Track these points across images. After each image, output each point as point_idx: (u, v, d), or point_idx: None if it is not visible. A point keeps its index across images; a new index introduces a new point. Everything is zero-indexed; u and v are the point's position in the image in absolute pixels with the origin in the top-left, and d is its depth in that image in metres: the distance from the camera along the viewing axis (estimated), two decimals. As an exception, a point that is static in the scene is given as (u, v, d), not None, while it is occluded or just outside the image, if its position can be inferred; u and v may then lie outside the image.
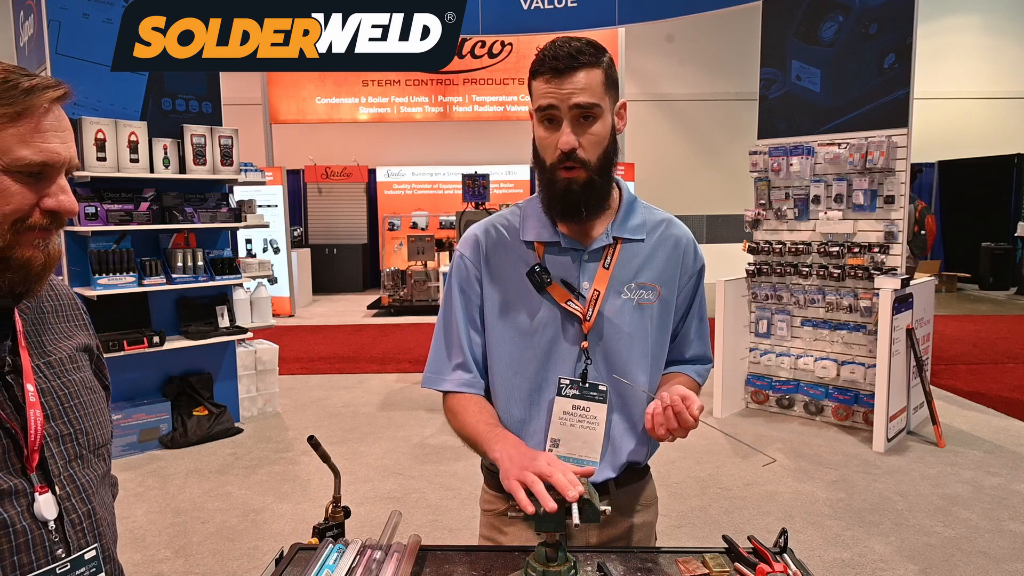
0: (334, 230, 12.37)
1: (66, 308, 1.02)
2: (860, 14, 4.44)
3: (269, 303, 5.23)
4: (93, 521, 0.92)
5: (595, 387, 1.31)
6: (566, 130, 1.22)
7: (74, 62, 4.08)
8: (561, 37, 1.25)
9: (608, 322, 1.31)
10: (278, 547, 1.29)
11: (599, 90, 1.22)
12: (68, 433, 0.91)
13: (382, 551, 1.20)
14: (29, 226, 0.83)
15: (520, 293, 1.33)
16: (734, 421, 4.82)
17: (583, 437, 1.31)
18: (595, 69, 1.22)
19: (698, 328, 1.46)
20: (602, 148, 1.25)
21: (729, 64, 12.54)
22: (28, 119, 0.82)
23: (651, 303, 1.34)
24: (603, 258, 1.32)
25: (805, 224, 4.79)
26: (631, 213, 1.36)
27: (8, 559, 0.81)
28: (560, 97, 1.21)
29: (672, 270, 1.37)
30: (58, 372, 0.94)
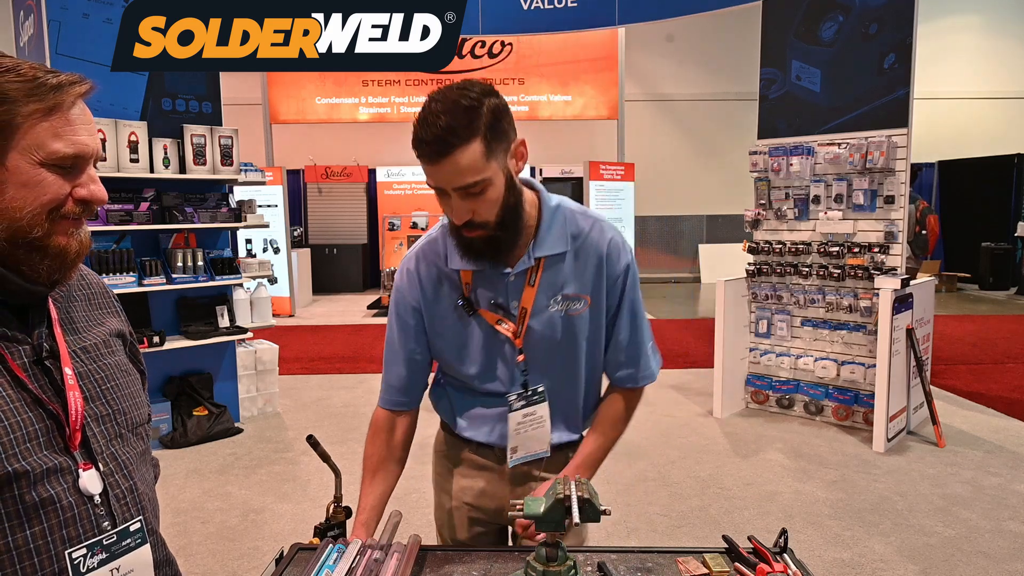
0: (334, 230, 12.37)
1: (97, 296, 1.07)
2: (860, 14, 4.44)
3: (269, 303, 5.23)
4: (136, 496, 0.97)
5: (535, 391, 1.41)
6: (457, 204, 1.23)
7: (74, 62, 4.08)
8: (434, 103, 1.19)
9: (539, 335, 1.38)
10: (278, 547, 1.29)
11: (480, 163, 1.19)
12: (107, 414, 0.96)
13: (382, 551, 1.21)
14: (63, 215, 0.88)
15: (455, 317, 1.41)
16: (734, 421, 4.82)
17: (535, 437, 1.44)
18: (471, 144, 1.17)
19: (631, 330, 1.45)
20: (498, 207, 1.25)
21: (729, 64, 12.55)
22: (58, 114, 0.86)
23: (580, 312, 1.39)
24: (528, 277, 1.36)
25: (805, 224, 4.79)
26: (551, 228, 1.37)
27: (58, 532, 0.86)
28: (441, 180, 1.21)
29: (598, 279, 1.40)
30: (93, 356, 0.99)
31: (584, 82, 10.84)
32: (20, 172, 0.84)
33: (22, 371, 0.88)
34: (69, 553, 0.87)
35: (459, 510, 1.55)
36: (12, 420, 0.85)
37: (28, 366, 0.89)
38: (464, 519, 1.54)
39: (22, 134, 0.84)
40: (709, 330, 5.19)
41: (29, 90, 0.85)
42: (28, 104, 0.84)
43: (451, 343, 1.42)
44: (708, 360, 5.20)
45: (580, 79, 10.84)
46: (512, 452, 1.43)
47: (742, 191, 6.28)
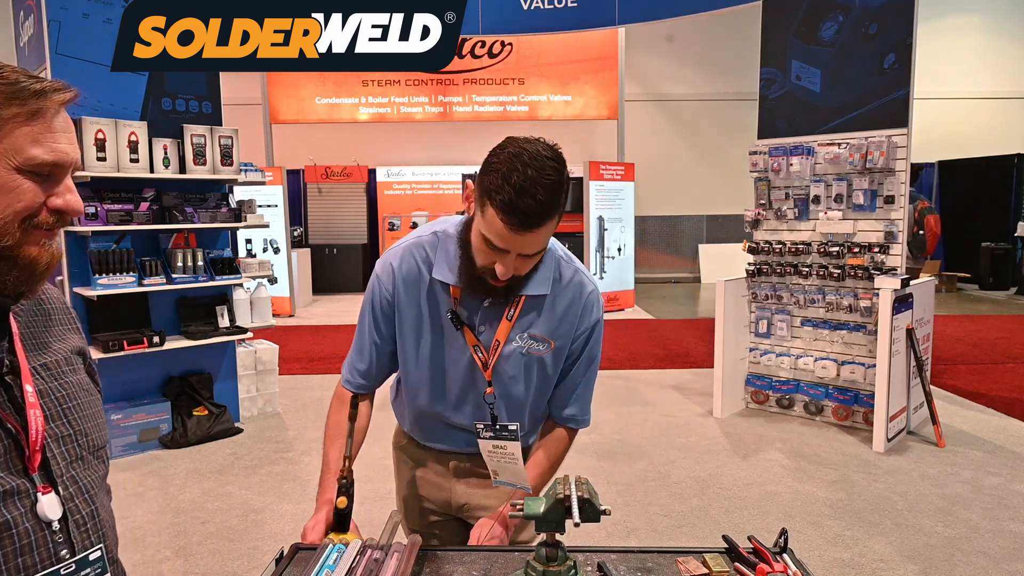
0: (334, 230, 12.37)
1: (58, 312, 1.02)
2: (860, 14, 4.44)
3: (269, 303, 5.23)
4: (97, 522, 0.92)
5: (505, 427, 1.39)
6: (509, 263, 1.26)
7: (74, 62, 4.08)
8: (530, 171, 1.17)
9: (501, 370, 1.42)
10: (278, 547, 1.29)
11: (549, 235, 1.28)
12: (68, 434, 0.91)
13: (382, 551, 1.20)
14: (36, 224, 0.85)
15: (432, 331, 1.43)
16: (734, 421, 4.82)
17: (511, 470, 1.42)
18: (553, 220, 1.23)
19: (584, 377, 1.50)
20: (534, 264, 1.33)
21: (729, 64, 12.55)
22: (40, 120, 0.84)
23: (541, 354, 1.43)
24: (506, 311, 1.39)
25: (805, 224, 4.79)
26: (539, 270, 1.39)
27: (12, 561, 0.80)
28: (515, 247, 1.24)
29: (568, 326, 1.44)
30: (55, 374, 0.94)
31: (584, 82, 10.84)
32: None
33: None
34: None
35: (412, 499, 1.63)
36: None
37: None
38: (417, 508, 1.63)
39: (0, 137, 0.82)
40: (709, 330, 5.20)
41: (10, 94, 0.82)
42: (9, 108, 0.82)
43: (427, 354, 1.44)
44: (708, 360, 5.21)
45: (580, 79, 10.84)
46: (495, 475, 1.44)
47: (742, 191, 6.28)
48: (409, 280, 1.43)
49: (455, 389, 1.47)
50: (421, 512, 1.63)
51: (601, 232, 9.39)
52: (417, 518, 1.64)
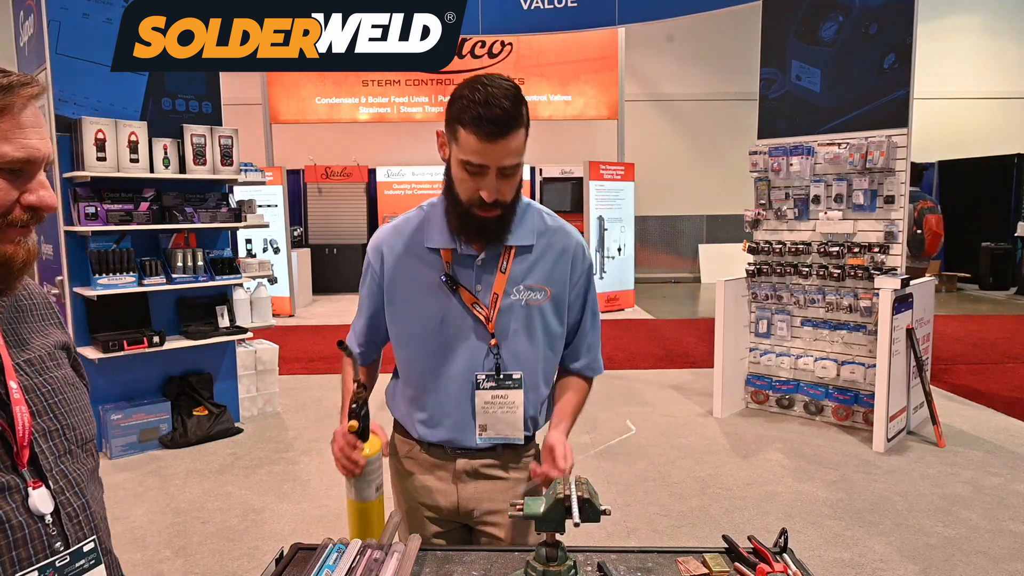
0: (334, 230, 12.36)
1: (40, 307, 1.01)
2: (860, 14, 4.44)
3: (269, 303, 5.23)
4: (89, 514, 0.92)
5: (509, 376, 1.46)
6: (492, 182, 1.33)
7: (74, 62, 4.08)
8: (489, 87, 1.28)
9: (504, 322, 1.46)
10: (278, 547, 1.29)
11: (522, 148, 1.34)
12: (56, 429, 0.91)
13: (382, 551, 1.20)
14: (10, 222, 0.84)
15: (427, 296, 1.46)
16: (734, 421, 4.82)
17: (506, 420, 1.48)
18: (520, 130, 1.31)
19: (591, 326, 1.58)
20: (517, 190, 1.40)
21: (729, 64, 12.55)
22: (7, 116, 0.82)
23: (540, 303, 1.48)
24: (499, 264, 1.45)
25: (805, 224, 4.79)
26: (522, 222, 1.47)
27: (7, 554, 0.81)
28: (492, 159, 1.30)
29: (561, 272, 1.50)
30: (39, 369, 0.94)
31: (584, 82, 10.84)
32: None
33: None
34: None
35: (415, 511, 1.59)
36: None
37: None
38: (421, 520, 1.58)
39: None
40: (709, 330, 5.20)
41: None
42: None
43: (418, 319, 1.48)
44: (708, 360, 5.21)
45: (580, 79, 10.84)
46: (481, 431, 1.48)
47: (742, 191, 6.28)
48: (399, 253, 1.49)
49: (458, 352, 1.46)
50: (424, 523, 1.59)
51: (601, 232, 9.39)
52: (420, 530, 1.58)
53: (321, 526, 3.31)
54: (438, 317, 1.46)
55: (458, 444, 1.51)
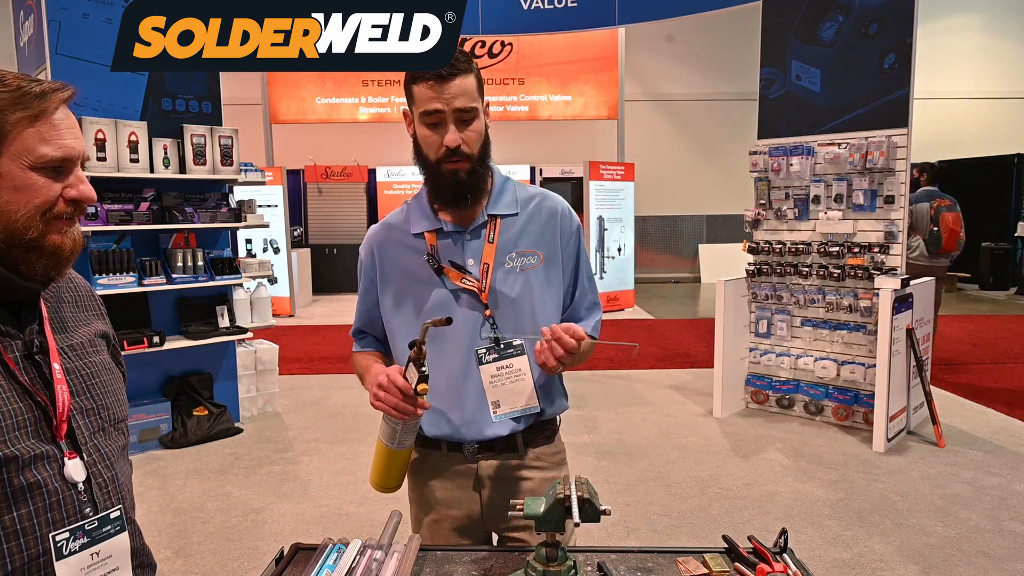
0: (334, 230, 12.36)
1: (84, 299, 1.12)
2: (860, 14, 4.44)
3: (269, 303, 5.23)
4: (117, 485, 1.02)
5: (510, 344, 1.46)
6: (451, 130, 1.39)
7: (74, 62, 4.08)
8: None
9: (499, 291, 1.47)
10: (278, 547, 1.29)
11: (475, 94, 1.41)
12: (91, 408, 1.01)
13: (382, 551, 1.20)
14: (56, 215, 0.93)
15: (416, 282, 1.49)
16: (734, 421, 4.82)
17: (518, 391, 1.47)
18: (470, 75, 1.41)
19: (589, 284, 1.60)
20: (480, 143, 1.43)
21: (729, 64, 12.55)
22: (44, 120, 0.92)
23: (534, 267, 1.49)
24: (486, 235, 1.48)
25: (805, 224, 4.79)
26: (503, 192, 1.52)
27: (43, 515, 0.91)
28: (444, 101, 1.38)
29: (551, 235, 1.52)
30: (80, 354, 1.04)
31: (584, 82, 10.84)
32: (12, 177, 0.89)
33: (14, 364, 0.93)
34: (53, 536, 0.91)
35: (438, 523, 1.54)
36: (4, 408, 0.90)
37: (19, 360, 0.94)
38: (445, 530, 1.53)
39: (11, 141, 0.89)
40: (709, 330, 5.20)
41: (15, 99, 0.89)
42: (15, 113, 0.89)
43: (412, 308, 1.49)
44: (708, 360, 5.21)
45: (580, 79, 10.84)
46: (495, 407, 1.46)
47: (742, 191, 6.28)
48: (387, 247, 1.53)
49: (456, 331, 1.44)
50: (448, 534, 1.53)
51: (601, 232, 9.39)
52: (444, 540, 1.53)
53: (321, 526, 3.31)
54: (430, 301, 1.47)
55: (477, 433, 1.46)
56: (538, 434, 1.54)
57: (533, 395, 1.47)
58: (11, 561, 0.88)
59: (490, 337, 1.46)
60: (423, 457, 1.56)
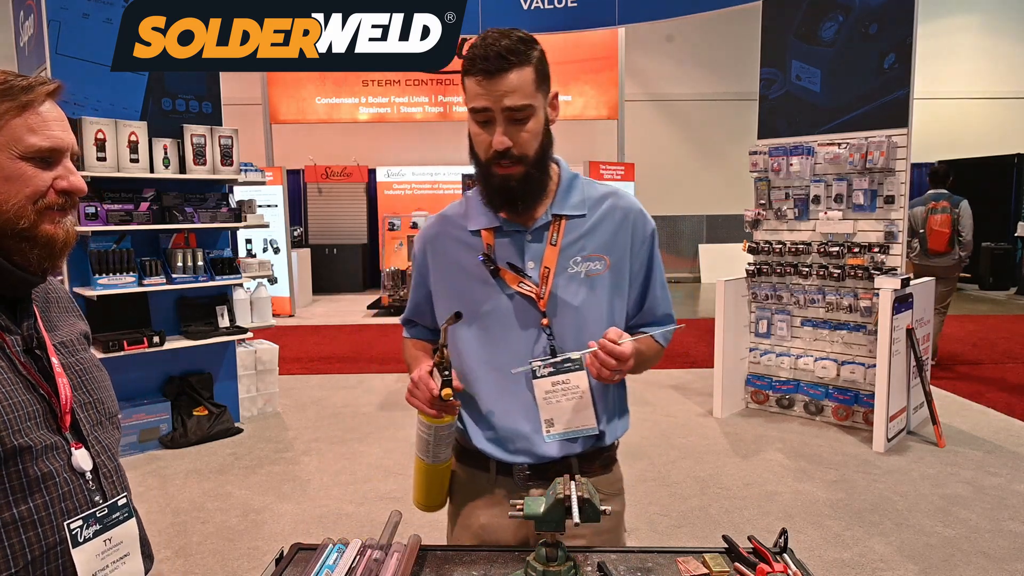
0: (334, 230, 12.36)
1: (63, 300, 1.14)
2: (860, 14, 4.44)
3: (269, 303, 5.23)
4: (121, 475, 1.07)
5: (568, 358, 1.32)
6: (499, 131, 1.25)
7: (74, 62, 4.08)
8: (492, 32, 1.24)
9: (559, 298, 1.34)
10: (278, 547, 1.29)
11: (530, 89, 1.24)
12: (89, 402, 1.05)
13: (382, 551, 1.20)
14: (47, 205, 0.95)
15: (471, 282, 1.37)
16: (734, 421, 4.82)
17: (573, 409, 1.33)
18: (525, 68, 1.23)
19: (662, 292, 1.46)
20: (537, 143, 1.29)
21: (729, 64, 12.55)
22: (31, 111, 0.93)
23: (600, 273, 1.36)
24: (549, 236, 1.35)
25: (805, 224, 4.79)
26: (570, 191, 1.39)
27: (57, 504, 0.93)
28: (493, 99, 1.23)
29: (622, 240, 1.39)
30: (71, 350, 1.07)
31: (584, 82, 10.85)
32: (1, 167, 0.92)
33: (17, 357, 0.96)
34: (68, 524, 0.94)
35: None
36: (15, 400, 0.92)
37: (20, 354, 0.97)
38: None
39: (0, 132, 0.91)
40: (709, 330, 5.19)
41: (1, 92, 0.92)
42: (1, 104, 0.91)
43: (463, 307, 1.37)
44: (708, 360, 5.21)
45: (580, 79, 10.84)
46: (548, 426, 1.33)
47: (742, 191, 6.28)
48: (442, 242, 1.42)
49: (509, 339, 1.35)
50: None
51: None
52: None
53: (321, 526, 3.31)
54: (483, 304, 1.35)
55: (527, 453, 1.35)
56: (594, 460, 1.40)
57: (591, 415, 1.33)
58: (31, 550, 0.90)
59: (546, 348, 1.33)
60: (470, 477, 1.44)
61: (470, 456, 1.44)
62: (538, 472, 1.36)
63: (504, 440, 1.37)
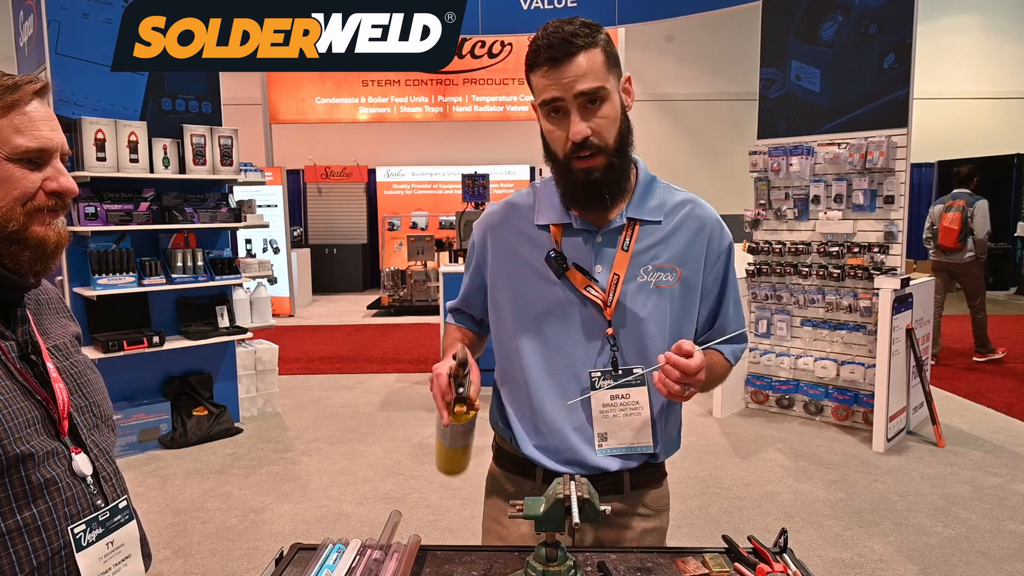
0: (334, 230, 12.36)
1: (55, 301, 1.13)
2: (860, 14, 4.45)
3: (269, 303, 5.23)
4: (119, 478, 1.06)
5: (630, 371, 1.26)
6: (575, 119, 1.17)
7: (74, 62, 4.08)
8: (553, 22, 1.19)
9: (627, 308, 1.27)
10: (278, 547, 1.29)
11: (602, 71, 1.17)
12: (85, 405, 1.04)
13: (382, 551, 1.20)
14: (37, 207, 0.93)
15: (534, 279, 1.29)
16: (734, 421, 4.82)
17: (630, 425, 1.28)
18: (594, 50, 1.17)
19: (735, 310, 1.38)
20: (616, 129, 1.21)
21: (729, 64, 12.54)
22: (17, 111, 0.91)
23: (670, 285, 1.28)
24: (621, 241, 1.27)
25: (805, 224, 4.79)
26: (648, 194, 1.32)
27: (60, 510, 0.93)
28: (563, 87, 1.16)
29: (696, 252, 1.31)
30: (65, 354, 1.06)
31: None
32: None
33: (13, 363, 0.94)
34: (71, 529, 0.94)
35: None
36: (14, 407, 0.90)
37: (16, 360, 0.95)
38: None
39: None
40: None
41: None
42: None
43: (523, 306, 1.31)
44: (708, 360, 5.23)
45: (580, 79, 10.82)
46: (601, 440, 1.28)
47: (742, 191, 6.28)
48: (506, 232, 1.34)
49: (570, 344, 1.28)
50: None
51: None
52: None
53: (321, 526, 3.31)
54: (545, 303, 1.28)
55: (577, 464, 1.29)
56: (648, 476, 1.35)
57: (647, 433, 1.28)
58: (35, 556, 0.89)
59: (609, 359, 1.27)
60: (515, 485, 1.38)
61: (515, 463, 1.38)
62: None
63: (554, 450, 1.31)
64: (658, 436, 1.31)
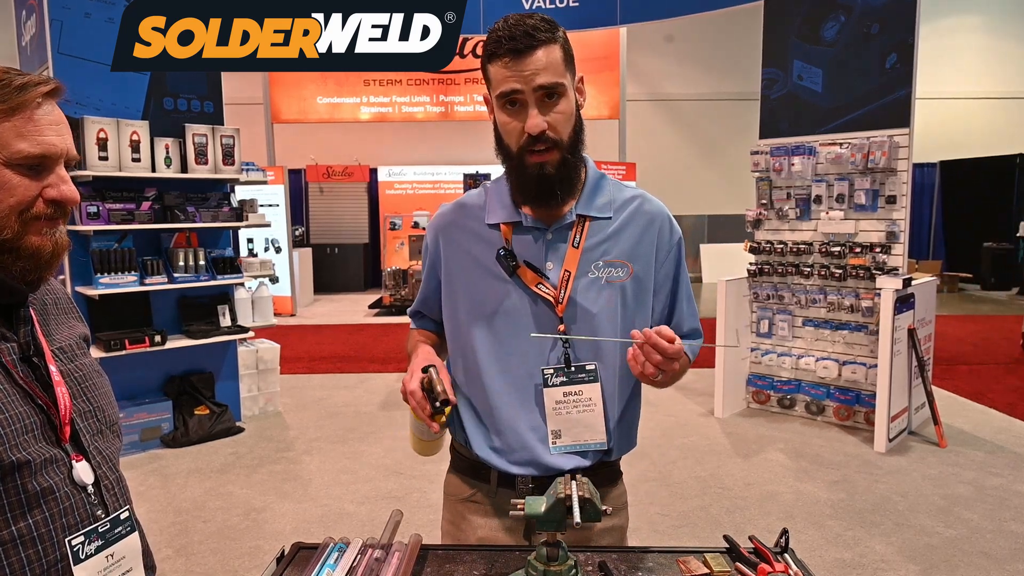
0: (335, 229, 12.37)
1: (63, 302, 1.08)
2: (862, 14, 4.44)
3: (270, 302, 5.23)
4: (123, 487, 1.02)
5: (582, 368, 1.28)
6: (533, 113, 1.19)
7: (76, 61, 4.08)
8: (513, 15, 1.20)
9: (578, 304, 1.28)
10: (279, 546, 1.29)
11: (560, 67, 1.20)
12: (89, 410, 0.99)
13: (383, 550, 1.20)
14: (34, 215, 0.88)
15: (486, 278, 1.31)
16: (735, 421, 4.82)
17: (584, 422, 1.29)
18: (554, 45, 1.19)
19: (688, 305, 1.39)
20: (571, 125, 1.23)
21: (730, 64, 12.54)
22: (22, 114, 0.86)
23: (621, 281, 1.29)
24: (571, 237, 1.28)
25: (807, 224, 4.79)
26: (598, 190, 1.33)
27: (58, 520, 0.89)
28: (523, 79, 1.17)
29: (647, 246, 1.32)
30: (70, 356, 1.01)
31: (585, 82, 10.76)
32: None
33: (12, 366, 0.90)
34: (69, 540, 0.90)
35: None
36: (12, 412, 0.86)
37: (16, 363, 0.91)
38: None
39: None
40: (710, 330, 5.18)
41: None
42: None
43: (474, 305, 1.32)
44: (709, 360, 5.20)
45: (581, 79, 10.83)
46: (555, 437, 1.28)
47: (744, 191, 6.27)
48: (457, 232, 1.35)
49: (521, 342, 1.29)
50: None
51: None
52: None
53: (322, 525, 3.31)
54: (496, 302, 1.29)
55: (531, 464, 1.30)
56: (601, 474, 1.34)
57: (601, 429, 1.29)
58: (31, 569, 0.86)
59: (561, 356, 1.28)
60: (469, 489, 1.39)
61: (469, 466, 1.39)
62: (542, 485, 1.27)
63: (508, 450, 1.32)
64: (611, 432, 1.31)
